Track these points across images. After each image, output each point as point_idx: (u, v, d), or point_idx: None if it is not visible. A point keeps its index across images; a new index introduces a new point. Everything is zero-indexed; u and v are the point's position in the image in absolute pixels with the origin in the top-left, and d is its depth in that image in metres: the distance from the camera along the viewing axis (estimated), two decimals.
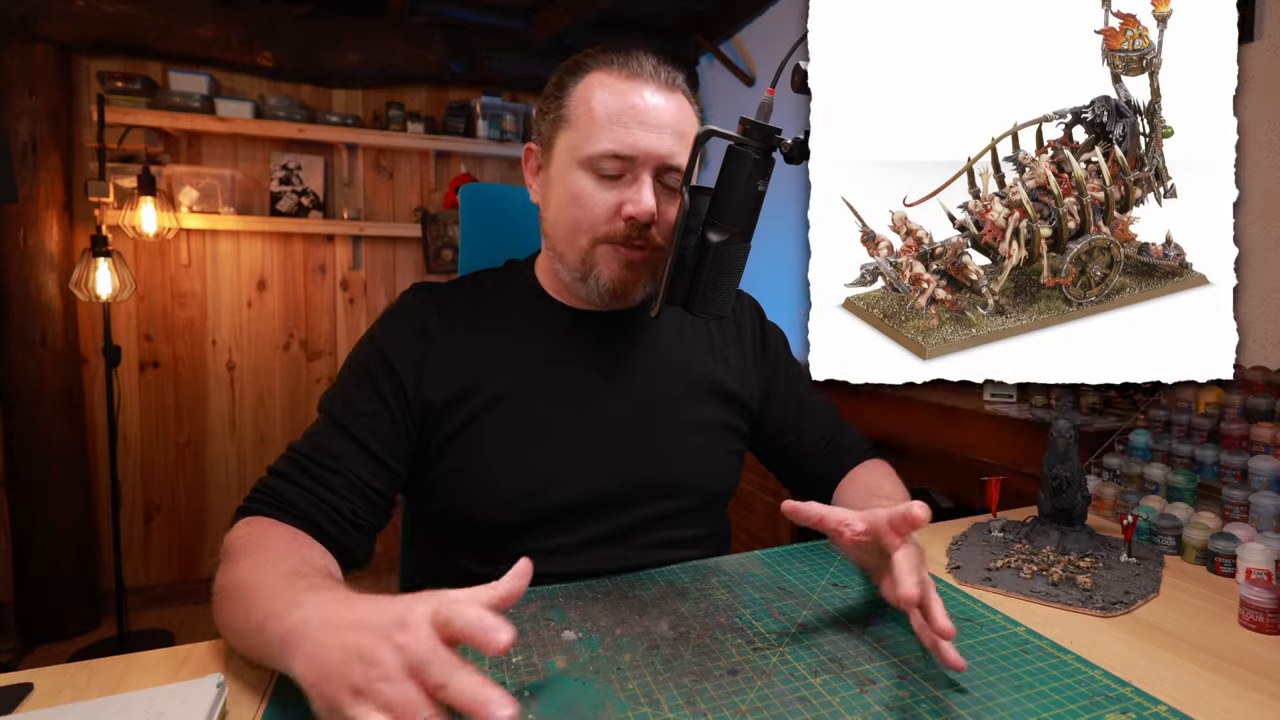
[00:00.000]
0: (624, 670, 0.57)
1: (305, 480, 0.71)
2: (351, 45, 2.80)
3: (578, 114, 0.77)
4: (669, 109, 0.77)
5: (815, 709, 0.52)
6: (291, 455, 0.74)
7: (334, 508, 0.71)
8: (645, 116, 0.75)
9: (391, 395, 0.78)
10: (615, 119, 0.75)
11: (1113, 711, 0.52)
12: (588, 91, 0.77)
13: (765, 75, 2.92)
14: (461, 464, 0.79)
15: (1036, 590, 0.74)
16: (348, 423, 0.75)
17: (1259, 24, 1.31)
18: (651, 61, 0.78)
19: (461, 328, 0.82)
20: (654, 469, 0.83)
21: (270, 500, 0.70)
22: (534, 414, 0.80)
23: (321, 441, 0.75)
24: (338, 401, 0.78)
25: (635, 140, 0.75)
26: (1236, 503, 0.88)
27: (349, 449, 0.74)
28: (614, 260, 0.78)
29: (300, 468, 0.72)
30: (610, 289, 0.79)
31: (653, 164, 0.76)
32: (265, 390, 2.93)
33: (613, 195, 0.76)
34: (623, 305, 0.84)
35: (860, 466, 0.93)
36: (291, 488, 0.71)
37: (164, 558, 2.79)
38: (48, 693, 0.54)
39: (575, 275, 0.80)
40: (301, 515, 0.69)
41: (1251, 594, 0.67)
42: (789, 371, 0.98)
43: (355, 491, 0.73)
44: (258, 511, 0.69)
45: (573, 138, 0.77)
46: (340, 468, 0.73)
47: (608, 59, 0.78)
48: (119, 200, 2.51)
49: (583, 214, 0.77)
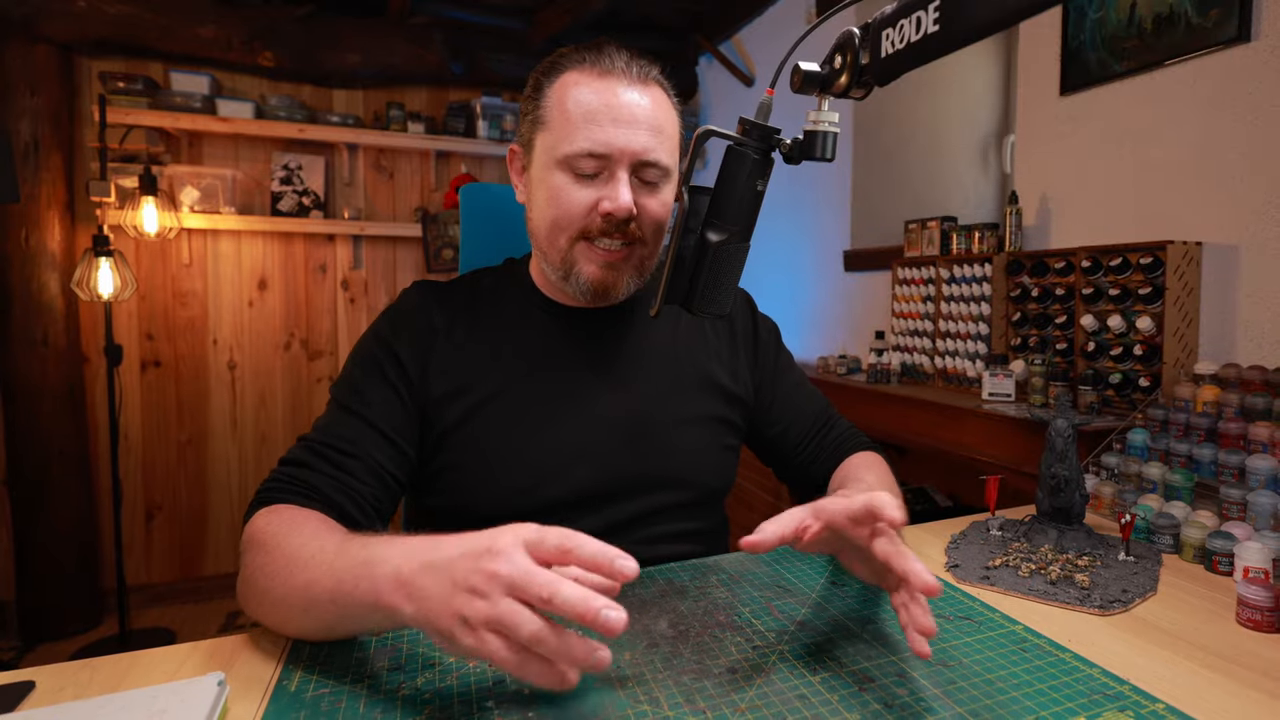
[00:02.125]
0: (623, 668, 0.57)
1: (326, 467, 0.71)
2: (352, 46, 2.81)
3: (553, 115, 0.78)
4: (643, 105, 0.77)
5: (814, 707, 0.52)
6: (308, 444, 0.74)
7: (357, 492, 0.71)
8: (619, 114, 0.76)
9: (400, 383, 0.78)
10: (589, 118, 0.75)
11: (1111, 709, 0.52)
12: (562, 92, 0.78)
13: (765, 75, 2.92)
14: (458, 460, 0.79)
15: (1034, 589, 0.74)
16: (361, 409, 0.76)
17: (1256, 24, 1.31)
18: (624, 57, 0.79)
19: (460, 325, 0.83)
20: (648, 464, 0.84)
21: (293, 487, 0.69)
22: (529, 410, 0.81)
23: (337, 429, 0.75)
24: (348, 390, 0.78)
25: (610, 138, 0.75)
26: (1234, 501, 0.88)
27: (365, 434, 0.75)
28: (593, 259, 0.79)
29: (319, 455, 0.72)
30: (590, 287, 0.80)
31: (628, 160, 0.76)
32: (266, 389, 2.94)
33: (590, 193, 0.77)
34: (605, 303, 0.85)
35: (850, 459, 0.92)
36: (314, 474, 0.70)
37: (165, 556, 2.80)
38: (49, 691, 0.55)
39: (558, 274, 0.81)
40: (327, 500, 0.69)
41: (1249, 592, 0.67)
42: (779, 362, 0.99)
43: (374, 476, 0.74)
44: (279, 500, 0.68)
45: (549, 138, 0.78)
46: (359, 452, 0.73)
47: (580, 57, 0.79)
48: (120, 200, 2.52)
49: (561, 212, 0.78)
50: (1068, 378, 1.51)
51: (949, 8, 0.54)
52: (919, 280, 2.00)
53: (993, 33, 0.54)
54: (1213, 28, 1.36)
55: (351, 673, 0.56)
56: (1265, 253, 1.31)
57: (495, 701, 0.52)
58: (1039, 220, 1.79)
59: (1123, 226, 1.57)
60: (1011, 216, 1.76)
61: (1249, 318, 1.33)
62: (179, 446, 2.81)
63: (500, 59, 3.07)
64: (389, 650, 0.60)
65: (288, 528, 0.62)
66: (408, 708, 0.51)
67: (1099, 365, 1.49)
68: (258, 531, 0.64)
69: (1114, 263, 1.44)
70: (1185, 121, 1.44)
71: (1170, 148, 1.47)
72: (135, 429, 2.74)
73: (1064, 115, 1.71)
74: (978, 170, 2.63)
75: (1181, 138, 1.45)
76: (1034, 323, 1.65)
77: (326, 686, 0.54)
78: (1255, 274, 1.32)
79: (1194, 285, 1.38)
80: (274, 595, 0.59)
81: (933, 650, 0.60)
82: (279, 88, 2.90)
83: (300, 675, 0.56)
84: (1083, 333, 1.52)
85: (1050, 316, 1.62)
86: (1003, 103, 2.63)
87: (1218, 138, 1.38)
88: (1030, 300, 1.67)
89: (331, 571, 0.54)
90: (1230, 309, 1.36)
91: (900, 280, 2.07)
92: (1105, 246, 1.47)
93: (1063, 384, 1.47)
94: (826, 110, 0.66)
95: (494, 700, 0.52)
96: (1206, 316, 1.39)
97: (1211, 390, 1.08)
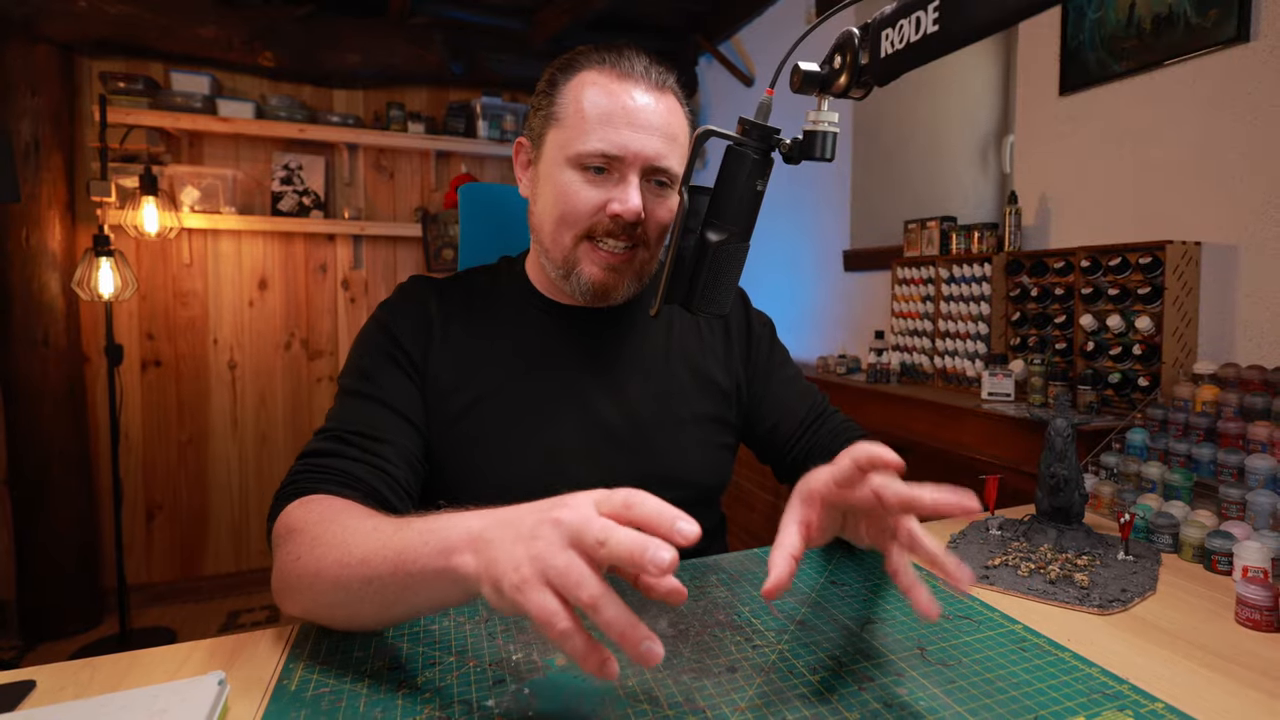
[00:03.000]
0: (623, 667, 0.57)
1: (357, 453, 0.70)
2: (352, 46, 2.81)
3: (568, 112, 0.78)
4: (659, 110, 0.77)
5: (813, 706, 0.52)
6: (330, 433, 0.72)
7: (393, 477, 0.70)
8: (635, 117, 0.76)
9: (409, 367, 0.78)
10: (605, 119, 0.75)
11: (1110, 709, 0.53)
12: (579, 90, 0.78)
13: (764, 75, 2.93)
14: (453, 458, 0.79)
15: (1034, 588, 0.74)
16: (378, 394, 0.75)
17: (1255, 24, 1.31)
18: (643, 61, 0.79)
19: (456, 321, 0.83)
20: (644, 463, 0.84)
21: (327, 475, 0.67)
22: (525, 409, 0.81)
23: (358, 415, 0.73)
24: (359, 378, 0.77)
25: (624, 141, 0.75)
26: (1233, 501, 0.88)
27: (389, 419, 0.74)
28: (595, 260, 0.79)
29: (348, 442, 0.71)
30: (591, 288, 0.80)
31: (640, 164, 0.76)
32: (267, 389, 2.94)
33: (599, 193, 0.77)
34: (604, 304, 0.85)
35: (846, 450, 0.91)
36: (348, 462, 0.69)
37: (166, 556, 2.80)
38: (50, 690, 0.55)
39: (559, 271, 0.81)
40: (365, 486, 0.67)
41: (1248, 592, 0.67)
42: (771, 358, 0.98)
43: (404, 460, 0.73)
44: (313, 489, 0.65)
45: (562, 135, 0.78)
46: (387, 437, 0.72)
47: (599, 57, 0.79)
48: (121, 200, 2.52)
49: (568, 210, 0.78)
50: (1067, 377, 1.51)
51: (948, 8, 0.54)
52: (918, 280, 2.00)
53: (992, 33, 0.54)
54: (1212, 28, 1.37)
55: (352, 672, 0.56)
56: (1264, 252, 1.31)
57: (495, 701, 0.52)
58: (1038, 220, 1.79)
59: (1122, 226, 1.58)
60: (1011, 216, 1.76)
61: (1248, 317, 1.33)
62: (179, 446, 2.81)
63: (500, 59, 3.07)
64: (389, 650, 0.60)
65: (333, 512, 0.60)
66: (408, 708, 0.51)
67: (1098, 365, 1.49)
68: (296, 520, 0.61)
69: (1113, 263, 1.44)
70: (1184, 121, 1.44)
71: (1169, 148, 1.47)
72: (136, 429, 2.74)
73: (1063, 115, 1.71)
74: (977, 170, 2.63)
75: (1181, 138, 1.45)
76: (1033, 322, 1.65)
77: (327, 686, 0.54)
78: (1254, 274, 1.33)
79: (1193, 285, 1.39)
80: (325, 578, 0.55)
81: (932, 649, 0.61)
82: (279, 88, 2.90)
83: (301, 674, 0.56)
84: (1082, 332, 1.52)
85: (1049, 316, 1.62)
86: (1002, 103, 2.63)
87: (1217, 138, 1.38)
88: (1029, 300, 1.67)
89: (393, 543, 0.52)
90: (1229, 309, 1.36)
91: (900, 280, 2.07)
92: (1104, 246, 1.48)
93: (1062, 383, 1.47)
94: (826, 110, 0.66)
95: (494, 700, 0.52)
96: (1205, 316, 1.39)
97: (1210, 390, 1.08)
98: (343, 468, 0.68)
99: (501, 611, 0.46)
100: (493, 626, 0.65)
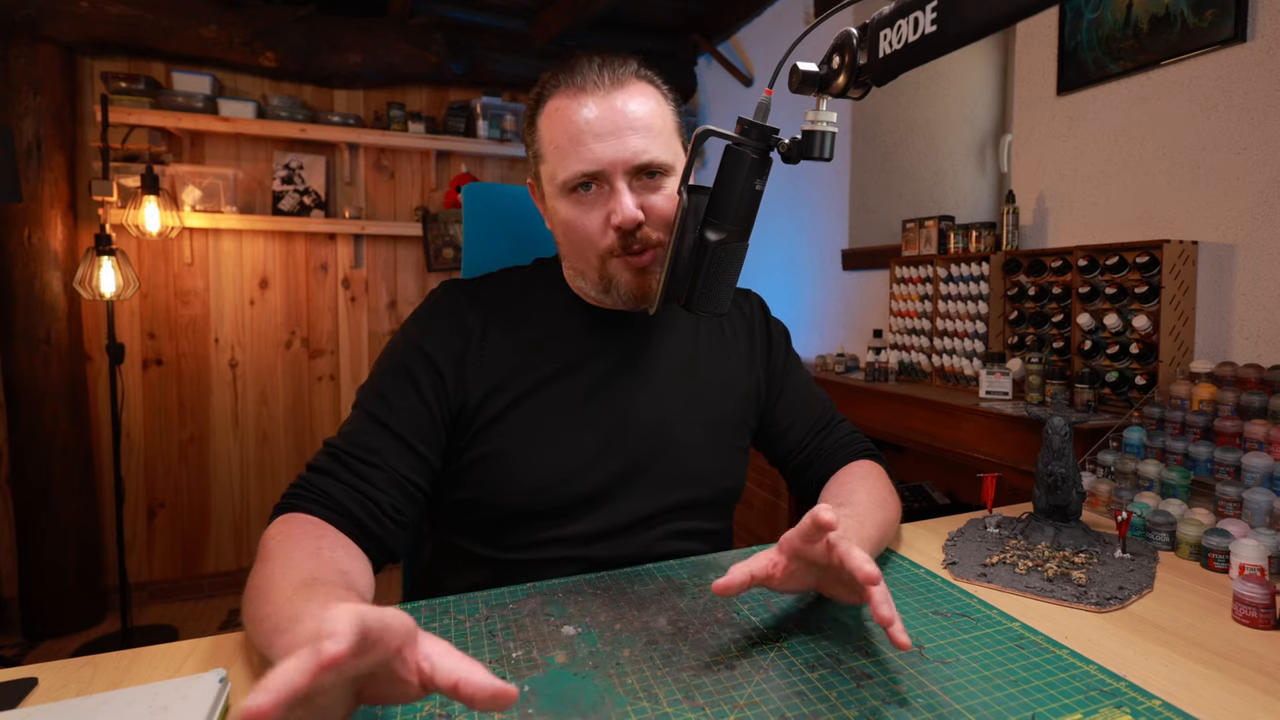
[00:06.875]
0: (623, 665, 0.58)
1: (346, 475, 0.72)
2: (353, 46, 2.81)
3: (546, 146, 0.80)
4: (624, 110, 0.77)
5: (812, 703, 0.53)
6: (330, 451, 0.74)
7: (375, 502, 0.71)
8: (599, 127, 0.76)
9: (430, 389, 0.79)
10: (574, 140, 0.76)
11: (1107, 706, 0.53)
12: (549, 122, 0.79)
13: (763, 75, 2.93)
14: (489, 455, 0.80)
15: (1031, 586, 0.74)
16: (386, 418, 0.76)
17: (1252, 24, 1.32)
18: (595, 66, 0.78)
19: (494, 325, 0.84)
20: (670, 463, 0.85)
21: (311, 495, 0.70)
22: (560, 409, 0.82)
23: (360, 437, 0.75)
24: (374, 397, 0.78)
25: (596, 154, 0.75)
26: (1230, 499, 0.89)
27: (388, 444, 0.75)
28: (626, 269, 0.80)
29: (340, 463, 0.73)
30: (630, 295, 0.81)
31: (622, 169, 0.76)
32: (268, 388, 2.94)
33: (598, 213, 0.78)
34: (644, 306, 0.85)
35: (847, 467, 0.91)
36: (332, 483, 0.71)
37: (167, 554, 2.81)
38: (52, 687, 0.55)
39: (598, 289, 0.83)
40: (343, 511, 0.69)
41: (1244, 589, 0.68)
42: (787, 364, 0.99)
43: (395, 486, 0.74)
44: (297, 508, 0.69)
45: (549, 169, 0.80)
46: (380, 462, 0.73)
47: (556, 81, 0.80)
48: (123, 199, 2.53)
49: (579, 239, 0.79)
50: (1064, 376, 1.51)
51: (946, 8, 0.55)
52: (917, 279, 2.01)
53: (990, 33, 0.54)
54: (1208, 28, 1.37)
55: None
56: (1261, 252, 1.31)
57: None
58: (1036, 219, 1.79)
59: (1119, 225, 1.58)
60: (1008, 216, 1.77)
61: (1245, 316, 1.34)
62: (181, 444, 2.82)
63: (500, 59, 3.07)
64: None
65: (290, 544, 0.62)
66: (408, 707, 0.52)
67: (1095, 363, 1.49)
68: (267, 540, 0.64)
69: (1110, 262, 1.45)
70: (1181, 121, 1.45)
71: (1167, 147, 1.48)
72: (137, 427, 2.74)
73: (1061, 115, 1.72)
74: (975, 170, 2.64)
75: (1178, 137, 1.45)
76: (1031, 321, 1.66)
77: None
78: (1251, 273, 1.33)
79: (1190, 284, 1.39)
80: (246, 613, 0.59)
81: (930, 647, 0.61)
82: (280, 88, 2.91)
83: None
84: (1079, 331, 1.52)
85: (1047, 315, 1.62)
86: (1000, 103, 2.63)
87: (1214, 137, 1.39)
88: (1027, 299, 1.67)
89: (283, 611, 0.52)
90: (1226, 307, 1.36)
91: (898, 279, 2.08)
92: (1102, 245, 1.48)
93: (1059, 382, 1.47)
94: (825, 110, 0.66)
95: None
96: (1202, 315, 1.39)
97: (1207, 388, 1.08)
98: (327, 489, 0.70)
99: None
100: (493, 625, 0.65)
